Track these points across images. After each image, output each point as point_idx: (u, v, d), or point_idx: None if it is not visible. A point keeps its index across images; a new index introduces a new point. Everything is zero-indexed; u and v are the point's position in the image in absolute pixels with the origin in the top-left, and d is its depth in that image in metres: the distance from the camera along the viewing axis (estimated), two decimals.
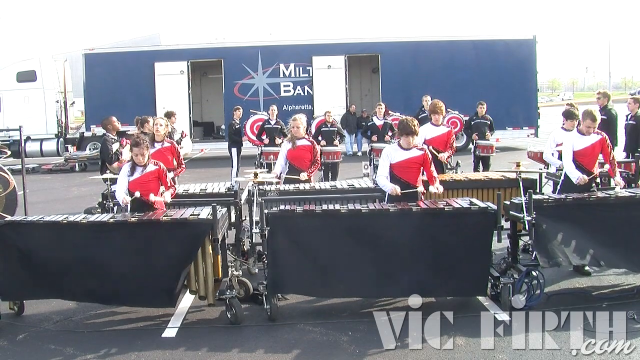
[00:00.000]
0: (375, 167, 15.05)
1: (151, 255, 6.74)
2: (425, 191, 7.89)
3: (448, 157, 10.48)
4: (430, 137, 10.17)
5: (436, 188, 7.66)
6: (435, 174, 7.86)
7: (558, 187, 8.46)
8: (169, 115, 12.53)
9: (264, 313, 6.87)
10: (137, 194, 7.32)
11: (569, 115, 9.48)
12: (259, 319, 6.88)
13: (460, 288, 7.00)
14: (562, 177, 8.29)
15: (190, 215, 6.85)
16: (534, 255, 7.62)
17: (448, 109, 18.89)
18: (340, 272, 6.92)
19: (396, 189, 7.47)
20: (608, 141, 8.18)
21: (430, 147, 9.82)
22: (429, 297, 7.03)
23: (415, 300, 6.71)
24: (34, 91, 24.39)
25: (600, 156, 8.16)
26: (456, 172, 12.36)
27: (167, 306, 6.95)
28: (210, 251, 6.75)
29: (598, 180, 8.47)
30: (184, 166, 9.59)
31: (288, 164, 9.43)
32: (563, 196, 7.45)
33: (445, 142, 10.32)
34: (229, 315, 6.73)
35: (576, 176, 7.92)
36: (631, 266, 7.42)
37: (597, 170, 8.15)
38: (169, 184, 7.68)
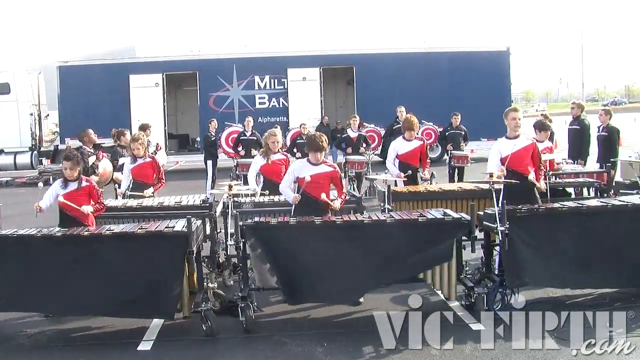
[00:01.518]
0: (350, 179, 15.17)
1: (126, 268, 6.71)
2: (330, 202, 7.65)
3: (430, 175, 10.39)
4: (403, 153, 10.19)
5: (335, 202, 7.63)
6: (344, 189, 7.97)
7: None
8: (144, 127, 12.43)
9: (240, 325, 6.85)
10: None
11: (541, 126, 9.62)
12: (235, 331, 6.85)
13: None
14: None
15: (165, 227, 6.84)
16: (497, 265, 7.47)
17: (422, 120, 19.13)
18: (316, 281, 6.93)
19: (297, 198, 7.54)
20: (537, 147, 8.25)
21: (409, 172, 9.93)
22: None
23: (415, 301, 6.77)
24: (7, 104, 24.18)
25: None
26: (430, 183, 12.41)
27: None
28: (186, 264, 6.74)
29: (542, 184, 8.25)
30: (164, 181, 9.57)
31: (263, 179, 9.44)
32: (536, 206, 7.50)
33: (418, 156, 10.28)
34: (204, 328, 6.70)
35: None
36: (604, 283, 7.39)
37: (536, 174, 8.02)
38: (98, 200, 7.61)
